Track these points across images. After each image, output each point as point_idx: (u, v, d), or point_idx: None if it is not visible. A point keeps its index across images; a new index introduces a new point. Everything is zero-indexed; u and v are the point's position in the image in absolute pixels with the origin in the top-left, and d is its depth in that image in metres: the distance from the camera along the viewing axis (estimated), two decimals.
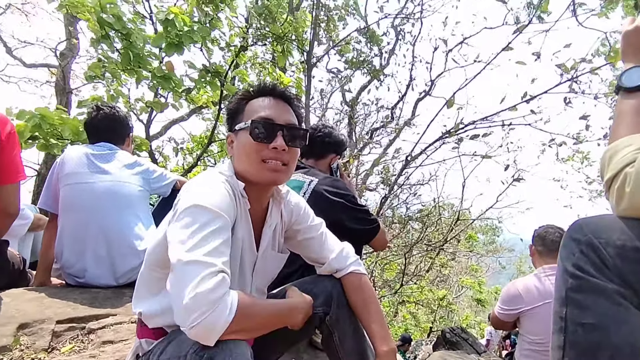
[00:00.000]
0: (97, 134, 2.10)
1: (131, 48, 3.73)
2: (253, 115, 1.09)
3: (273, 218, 1.21)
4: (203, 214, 0.92)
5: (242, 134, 1.09)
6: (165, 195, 2.23)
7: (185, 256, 0.85)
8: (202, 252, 0.85)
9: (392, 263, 8.55)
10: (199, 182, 1.01)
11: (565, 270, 0.86)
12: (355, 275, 1.24)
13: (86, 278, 1.88)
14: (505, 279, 22.98)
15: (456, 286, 15.53)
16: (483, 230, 16.01)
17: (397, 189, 5.85)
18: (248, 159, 1.07)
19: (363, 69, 8.17)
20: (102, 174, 1.94)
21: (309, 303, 1.12)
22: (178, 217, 0.94)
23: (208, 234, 0.89)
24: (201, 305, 0.79)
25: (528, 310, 2.14)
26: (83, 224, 1.87)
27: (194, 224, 0.90)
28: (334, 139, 2.04)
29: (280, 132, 1.07)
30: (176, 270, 0.85)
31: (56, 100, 6.86)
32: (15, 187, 1.59)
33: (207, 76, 4.47)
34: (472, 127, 4.01)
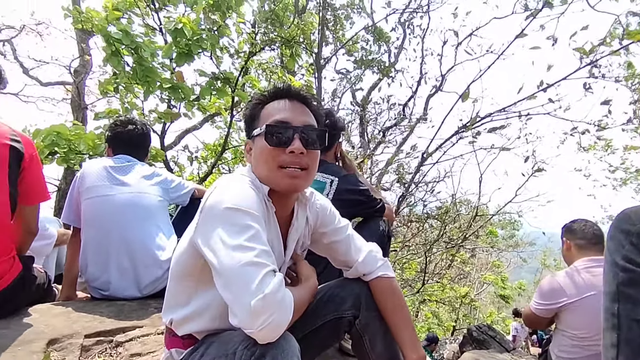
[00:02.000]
0: (123, 147, 2.11)
1: (140, 62, 3.77)
2: (268, 119, 1.06)
3: (299, 221, 1.19)
4: (241, 216, 0.90)
5: (259, 140, 1.06)
6: (184, 204, 2.23)
7: (237, 259, 0.84)
8: (253, 254, 0.85)
9: (412, 262, 8.45)
10: (227, 185, 0.99)
11: (614, 263, 0.80)
12: (384, 280, 1.21)
13: (111, 290, 1.89)
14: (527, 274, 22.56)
15: (477, 283, 15.28)
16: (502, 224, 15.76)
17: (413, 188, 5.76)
18: (266, 165, 1.05)
19: (372, 67, 8.13)
20: (122, 186, 1.95)
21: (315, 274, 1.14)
22: (211, 221, 0.92)
23: (251, 236, 0.88)
24: (270, 307, 0.80)
25: (570, 303, 2.06)
26: (105, 236, 1.88)
27: (235, 227, 0.89)
28: (336, 129, 2.05)
29: (297, 135, 1.03)
30: (228, 274, 0.85)
31: (72, 116, 7.01)
32: (36, 208, 1.64)
33: (216, 84, 4.49)
34: (488, 120, 3.93)
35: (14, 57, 8.20)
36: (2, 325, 1.47)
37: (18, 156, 1.48)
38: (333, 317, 1.19)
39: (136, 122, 2.16)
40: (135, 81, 3.87)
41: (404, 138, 8.30)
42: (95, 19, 3.72)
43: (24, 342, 1.37)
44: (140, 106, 4.72)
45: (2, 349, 1.30)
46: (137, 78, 3.85)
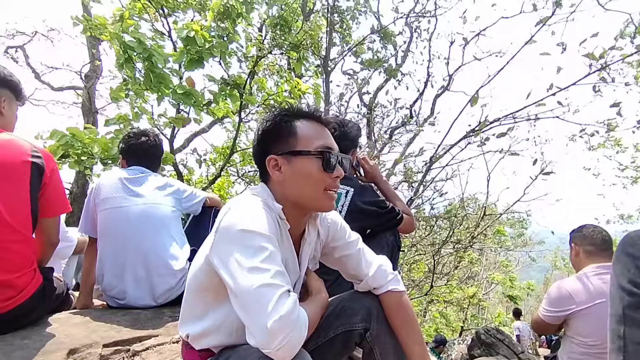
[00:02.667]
0: (138, 158, 2.15)
1: (152, 68, 3.83)
2: (313, 142, 1.09)
3: (311, 236, 1.22)
4: (255, 237, 0.94)
5: (304, 161, 1.08)
6: (196, 214, 2.27)
7: (253, 281, 0.87)
8: (268, 275, 0.88)
9: (420, 263, 8.44)
10: (239, 207, 1.02)
11: (620, 286, 0.82)
12: (394, 294, 1.23)
13: (127, 300, 1.94)
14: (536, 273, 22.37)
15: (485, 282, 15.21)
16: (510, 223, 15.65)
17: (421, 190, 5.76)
18: (311, 187, 1.08)
19: (379, 68, 8.12)
20: (136, 197, 1.99)
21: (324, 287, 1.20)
22: (224, 245, 0.95)
23: (266, 258, 0.91)
24: (286, 328, 0.84)
25: (579, 311, 2.05)
26: (121, 247, 1.92)
27: (250, 249, 0.92)
28: (350, 137, 2.01)
29: (339, 162, 1.10)
30: (244, 296, 0.88)
31: (83, 120, 7.11)
32: (57, 220, 1.68)
33: (227, 89, 4.54)
34: (497, 125, 3.92)
35: (26, 63, 8.33)
36: (23, 336, 1.52)
37: (39, 172, 1.52)
38: (345, 330, 1.21)
39: (149, 134, 2.20)
40: (147, 87, 3.92)
41: (411, 138, 8.29)
42: (110, 27, 3.77)
43: (45, 353, 1.42)
44: (150, 111, 4.79)
45: None
46: (149, 84, 3.91)
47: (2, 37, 8.28)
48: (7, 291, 1.48)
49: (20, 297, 1.51)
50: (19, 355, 1.38)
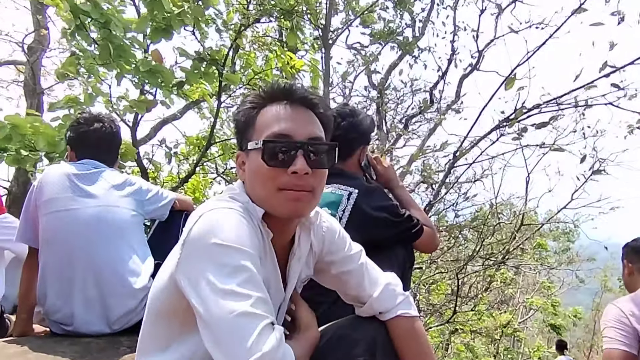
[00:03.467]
0: (89, 149, 2.14)
1: (111, 38, 3.81)
2: (266, 130, 1.06)
3: (302, 249, 1.21)
4: (232, 254, 0.92)
5: (254, 156, 1.06)
6: (162, 219, 2.27)
7: (229, 309, 0.86)
8: (248, 302, 0.87)
9: (441, 283, 8.45)
10: (212, 213, 1.01)
11: None
12: (405, 319, 1.23)
13: (75, 325, 1.93)
14: (584, 296, 22.34)
15: (522, 308, 15.23)
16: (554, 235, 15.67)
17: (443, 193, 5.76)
18: (263, 187, 1.06)
19: (392, 42, 8.13)
20: (88, 198, 1.98)
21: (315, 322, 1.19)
22: (196, 259, 0.94)
23: (246, 280, 0.90)
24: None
25: None
26: (68, 259, 1.92)
27: (225, 268, 0.91)
28: (360, 130, 2.01)
29: (301, 152, 1.03)
30: (219, 327, 0.87)
31: (26, 102, 7.09)
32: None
33: (202, 66, 4.53)
34: (537, 112, 3.91)
35: None
36: None
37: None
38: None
39: (103, 119, 2.19)
40: (103, 63, 3.91)
41: (430, 129, 8.31)
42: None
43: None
44: (107, 92, 4.78)
45: None
46: (106, 59, 3.89)
47: None
48: None
49: None
50: None
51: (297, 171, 1.02)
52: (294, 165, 1.02)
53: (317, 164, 1.06)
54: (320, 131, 1.12)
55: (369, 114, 2.11)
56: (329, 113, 1.18)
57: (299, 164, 1.02)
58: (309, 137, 1.07)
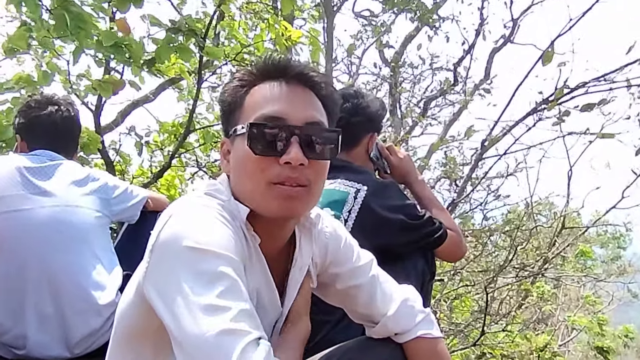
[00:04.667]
0: (42, 138, 2.15)
1: (67, 6, 3.79)
2: (254, 113, 1.05)
3: (304, 256, 1.20)
4: (209, 259, 0.90)
5: (240, 143, 1.05)
6: (132, 221, 2.28)
7: (207, 326, 0.84)
8: (226, 317, 0.85)
9: (465, 298, 8.46)
10: (181, 213, 1.00)
11: None
12: (427, 341, 1.23)
13: (27, 349, 1.92)
14: (638, 313, 22.33)
15: (564, 328, 15.24)
16: (601, 241, 15.68)
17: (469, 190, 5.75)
18: (249, 181, 1.05)
19: (408, 9, 8.11)
20: (43, 196, 1.99)
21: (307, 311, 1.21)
22: (167, 266, 0.93)
23: (226, 290, 0.88)
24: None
25: None
26: (19, 269, 1.92)
27: (202, 276, 0.89)
28: (367, 114, 2.01)
29: (296, 138, 1.01)
30: (196, 347, 0.85)
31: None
32: None
33: (178, 38, 4.51)
34: (582, 92, 3.89)
35: None
36: None
37: None
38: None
39: (59, 102, 2.20)
40: (60, 34, 3.89)
41: (454, 114, 8.30)
42: None
43: None
44: (64, 70, 4.77)
45: None
46: (63, 29, 3.87)
47: None
48: None
49: None
50: None
51: (290, 161, 0.99)
52: (287, 155, 0.99)
53: (315, 154, 1.04)
54: (320, 115, 1.10)
55: (378, 97, 2.09)
56: (334, 95, 1.17)
57: (293, 153, 0.99)
58: (307, 121, 1.05)
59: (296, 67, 1.10)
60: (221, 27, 5.66)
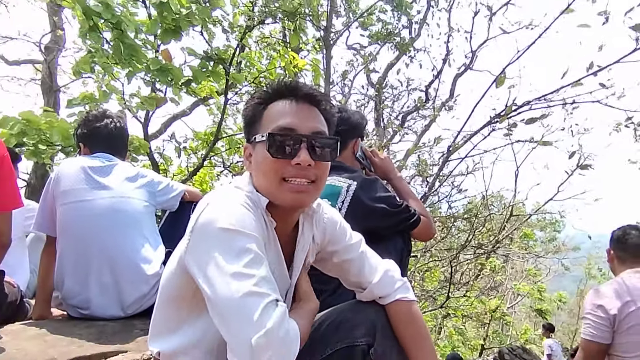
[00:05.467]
0: (100, 144, 2.14)
1: (123, 39, 3.79)
2: (271, 124, 1.06)
3: (306, 238, 1.21)
4: (238, 238, 0.93)
5: (260, 148, 1.07)
6: (172, 209, 2.27)
7: (235, 289, 0.86)
8: (252, 282, 0.87)
9: (434, 270, 8.47)
10: (218, 201, 1.01)
11: None
12: (403, 303, 1.22)
13: (91, 309, 1.93)
14: (570, 283, 22.40)
15: (510, 294, 15.26)
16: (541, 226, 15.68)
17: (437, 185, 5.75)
18: (267, 177, 1.06)
19: (390, 43, 8.08)
20: (102, 190, 1.98)
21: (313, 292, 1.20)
22: (201, 246, 0.95)
23: (250, 261, 0.90)
24: (273, 344, 0.83)
25: (620, 322, 2.06)
26: (84, 247, 1.91)
27: (232, 251, 0.91)
28: (349, 123, 1.99)
29: (305, 145, 1.03)
30: (225, 307, 0.88)
31: (43, 100, 7.07)
32: (8, 216, 1.65)
33: (209, 65, 4.50)
34: (527, 109, 3.90)
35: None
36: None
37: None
38: (345, 345, 1.19)
39: (112, 115, 2.20)
40: (116, 61, 3.89)
41: (425, 125, 8.28)
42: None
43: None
44: (120, 90, 4.76)
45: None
46: (118, 57, 3.87)
47: None
48: None
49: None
50: None
51: (300, 163, 1.02)
52: (298, 157, 1.02)
53: (319, 157, 1.06)
54: (323, 126, 1.11)
55: (358, 111, 2.10)
56: (332, 110, 1.18)
57: (303, 156, 1.02)
58: (313, 131, 1.07)
59: (304, 88, 1.11)
60: (242, 56, 5.65)
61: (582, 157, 4.85)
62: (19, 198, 1.67)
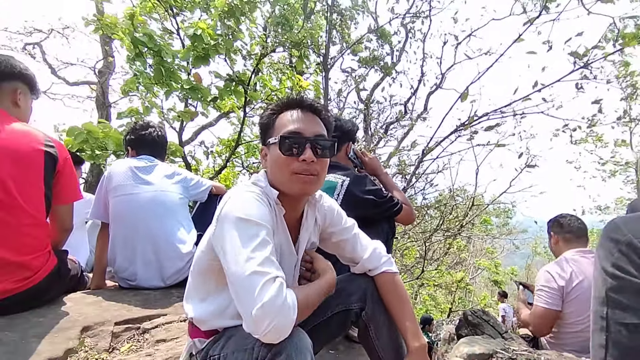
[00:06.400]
0: (145, 148, 2.13)
1: (162, 64, 3.77)
2: (282, 129, 1.07)
3: (309, 221, 1.21)
4: (248, 227, 0.93)
5: (273, 148, 1.08)
6: (202, 201, 2.26)
7: (242, 269, 0.86)
8: (255, 262, 0.87)
9: (412, 249, 8.46)
10: (237, 196, 1.01)
11: (603, 270, 0.81)
12: (388, 275, 1.22)
13: (137, 281, 1.93)
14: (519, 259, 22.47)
15: (472, 268, 15.27)
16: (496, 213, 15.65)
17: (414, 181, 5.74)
18: (280, 172, 1.06)
19: (376, 66, 8.03)
20: (146, 185, 1.97)
21: (332, 267, 1.15)
22: (223, 231, 0.94)
23: (257, 246, 0.90)
24: (269, 313, 0.82)
25: (567, 293, 2.05)
26: (132, 231, 1.91)
27: (242, 238, 0.91)
28: (342, 129, 1.97)
29: (309, 145, 1.05)
30: (236, 283, 0.88)
31: (97, 113, 7.05)
32: (70, 207, 1.66)
33: (232, 85, 4.48)
34: (485, 119, 3.89)
35: (42, 59, 8.23)
36: (39, 315, 1.51)
37: (53, 160, 1.50)
38: (342, 309, 1.20)
39: (154, 125, 2.19)
40: (157, 82, 3.87)
41: (404, 133, 8.25)
42: (121, 24, 3.71)
43: (60, 330, 1.41)
44: (159, 105, 4.74)
45: (41, 337, 1.34)
46: (159, 78, 3.85)
47: (21, 34, 8.19)
48: (23, 272, 1.46)
49: (35, 278, 1.50)
50: (35, 332, 1.37)
51: (305, 159, 1.04)
52: (304, 155, 1.04)
53: (321, 154, 1.07)
54: (323, 130, 1.12)
55: (351, 120, 2.09)
56: (330, 118, 1.18)
57: (308, 154, 1.04)
58: (315, 134, 1.08)
59: (307, 101, 1.12)
60: (257, 79, 5.62)
61: (529, 157, 4.86)
62: (79, 192, 1.67)
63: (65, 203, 1.62)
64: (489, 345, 2.12)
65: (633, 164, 9.48)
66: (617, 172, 9.78)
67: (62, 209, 1.62)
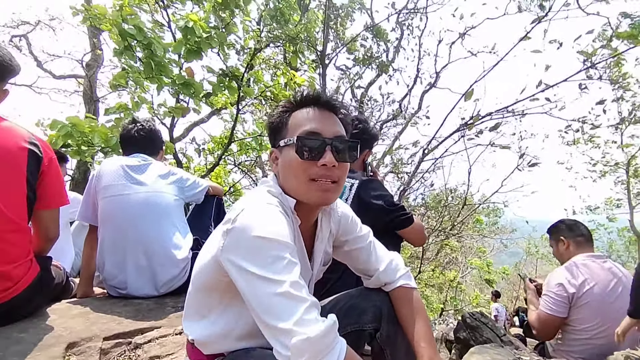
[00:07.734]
0: (132, 146, 1.99)
1: (152, 57, 3.61)
2: (298, 129, 0.94)
3: (324, 232, 1.09)
4: (273, 246, 0.80)
5: (287, 151, 0.94)
6: (198, 202, 2.12)
7: (272, 289, 0.75)
8: (286, 285, 0.76)
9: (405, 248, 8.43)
10: (254, 208, 0.87)
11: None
12: (406, 290, 1.11)
13: (128, 289, 1.79)
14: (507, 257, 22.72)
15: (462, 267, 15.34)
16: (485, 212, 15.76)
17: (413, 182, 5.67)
18: (295, 178, 0.93)
19: (371, 64, 7.95)
20: (138, 185, 1.83)
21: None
22: (242, 248, 0.81)
23: (284, 267, 0.78)
24: (313, 350, 0.72)
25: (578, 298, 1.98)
26: (122, 235, 1.77)
27: (268, 258, 0.78)
28: (370, 135, 1.86)
29: (329, 147, 0.91)
30: (263, 303, 0.76)
31: (85, 108, 6.81)
32: (55, 213, 1.51)
33: (225, 80, 4.34)
34: (488, 119, 3.83)
35: (28, 51, 7.95)
36: (21, 329, 1.37)
37: (37, 160, 1.36)
38: (354, 329, 1.08)
39: (139, 121, 2.04)
40: (147, 76, 3.71)
41: (399, 131, 8.21)
42: (109, 15, 3.54)
43: (43, 347, 1.27)
44: (149, 100, 4.57)
45: (22, 355, 1.21)
46: (149, 73, 3.69)
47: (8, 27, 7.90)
48: (3, 282, 1.32)
49: (16, 289, 1.36)
50: (15, 350, 1.24)
51: (326, 164, 0.90)
52: (324, 159, 0.90)
53: (342, 158, 0.94)
54: (342, 130, 0.99)
55: (374, 126, 1.97)
56: (348, 117, 1.04)
57: (328, 157, 0.90)
58: (335, 135, 0.95)
59: (324, 97, 0.99)
60: (251, 74, 5.48)
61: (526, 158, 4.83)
62: (65, 196, 1.52)
63: (49, 208, 1.47)
64: (499, 356, 2.05)
65: (623, 164, 9.61)
66: (607, 173, 9.90)
67: (46, 215, 1.47)
